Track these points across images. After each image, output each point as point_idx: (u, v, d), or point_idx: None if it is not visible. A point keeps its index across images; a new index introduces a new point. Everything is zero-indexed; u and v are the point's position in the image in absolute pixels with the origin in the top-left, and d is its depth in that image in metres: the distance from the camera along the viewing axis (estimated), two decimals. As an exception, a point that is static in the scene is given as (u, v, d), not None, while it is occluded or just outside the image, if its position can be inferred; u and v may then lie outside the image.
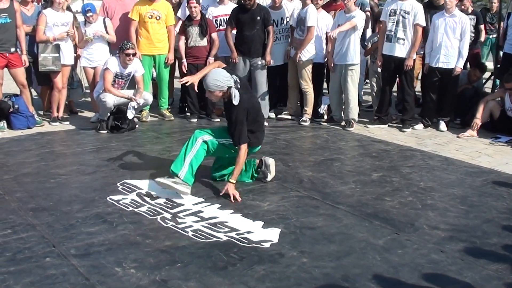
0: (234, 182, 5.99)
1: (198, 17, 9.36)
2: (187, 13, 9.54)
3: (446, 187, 6.45)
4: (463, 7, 10.09)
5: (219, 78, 6.02)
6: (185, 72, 9.51)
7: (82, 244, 4.83)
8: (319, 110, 9.60)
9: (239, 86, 6.06)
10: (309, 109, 9.58)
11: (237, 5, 9.64)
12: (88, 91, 10.15)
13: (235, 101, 5.97)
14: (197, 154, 6.02)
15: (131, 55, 8.65)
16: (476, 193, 6.28)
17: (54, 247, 4.77)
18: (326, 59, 9.47)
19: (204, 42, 9.46)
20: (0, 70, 8.76)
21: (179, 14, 9.95)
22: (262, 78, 9.43)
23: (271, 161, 6.46)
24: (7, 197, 5.94)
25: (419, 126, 9.26)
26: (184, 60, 9.51)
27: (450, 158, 7.64)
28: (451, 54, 8.85)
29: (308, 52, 9.34)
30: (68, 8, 9.46)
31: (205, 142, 6.08)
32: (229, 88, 6.01)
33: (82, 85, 10.27)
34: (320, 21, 9.31)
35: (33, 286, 4.13)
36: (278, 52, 9.65)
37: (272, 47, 9.40)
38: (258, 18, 9.22)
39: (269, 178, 6.42)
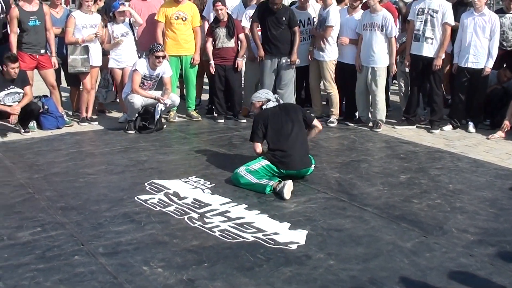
0: None
1: (225, 19, 9.37)
2: (211, 12, 9.65)
3: (475, 190, 6.38)
4: None
5: (261, 92, 7.20)
6: (213, 74, 9.54)
7: (110, 243, 4.88)
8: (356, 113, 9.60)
9: (276, 103, 6.87)
10: (335, 109, 9.55)
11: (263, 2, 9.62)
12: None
13: (265, 106, 6.84)
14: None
15: (160, 58, 8.68)
16: (506, 196, 6.20)
17: (83, 245, 4.82)
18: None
19: (232, 43, 9.48)
20: (30, 71, 8.88)
21: (204, 13, 9.99)
22: (289, 76, 9.39)
23: (287, 186, 6.08)
24: (37, 195, 6.01)
25: (448, 127, 9.16)
26: (212, 62, 9.53)
27: (479, 160, 7.55)
28: (480, 54, 8.74)
29: (330, 53, 9.35)
30: (100, 11, 9.56)
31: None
32: (267, 100, 6.88)
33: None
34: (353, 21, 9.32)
35: (62, 284, 4.19)
36: (304, 53, 9.61)
37: (298, 47, 9.39)
38: (284, 18, 9.20)
39: (286, 197, 6.03)
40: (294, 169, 6.53)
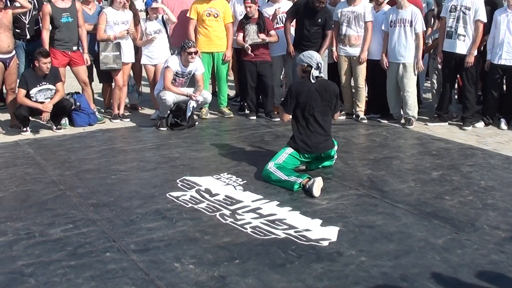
0: None
1: (256, 16, 9.37)
2: (234, 9, 9.74)
3: (507, 187, 6.32)
4: None
5: (305, 55, 6.82)
6: (249, 53, 9.44)
7: (141, 239, 4.91)
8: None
9: (318, 71, 6.73)
10: (363, 105, 9.56)
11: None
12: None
13: (312, 79, 6.67)
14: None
15: (193, 54, 8.71)
16: (539, 193, 6.14)
17: (114, 242, 4.85)
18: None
19: (262, 39, 9.47)
20: (62, 68, 8.97)
21: None
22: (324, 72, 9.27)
23: (316, 184, 6.05)
24: (68, 192, 6.07)
25: (480, 124, 9.08)
26: (247, 48, 9.38)
27: (511, 157, 7.48)
28: (514, 50, 8.68)
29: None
30: (132, 7, 9.60)
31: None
32: (309, 66, 6.69)
33: (137, 89, 10.40)
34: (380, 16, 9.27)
35: (94, 280, 4.22)
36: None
37: (327, 48, 9.32)
38: (320, 20, 9.13)
39: (316, 194, 6.01)
40: (316, 153, 6.70)
